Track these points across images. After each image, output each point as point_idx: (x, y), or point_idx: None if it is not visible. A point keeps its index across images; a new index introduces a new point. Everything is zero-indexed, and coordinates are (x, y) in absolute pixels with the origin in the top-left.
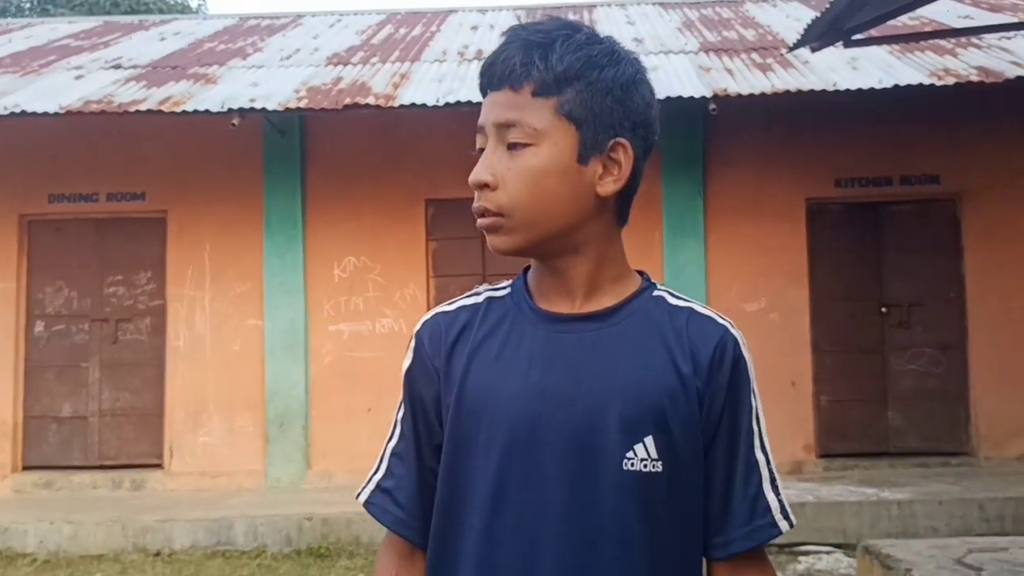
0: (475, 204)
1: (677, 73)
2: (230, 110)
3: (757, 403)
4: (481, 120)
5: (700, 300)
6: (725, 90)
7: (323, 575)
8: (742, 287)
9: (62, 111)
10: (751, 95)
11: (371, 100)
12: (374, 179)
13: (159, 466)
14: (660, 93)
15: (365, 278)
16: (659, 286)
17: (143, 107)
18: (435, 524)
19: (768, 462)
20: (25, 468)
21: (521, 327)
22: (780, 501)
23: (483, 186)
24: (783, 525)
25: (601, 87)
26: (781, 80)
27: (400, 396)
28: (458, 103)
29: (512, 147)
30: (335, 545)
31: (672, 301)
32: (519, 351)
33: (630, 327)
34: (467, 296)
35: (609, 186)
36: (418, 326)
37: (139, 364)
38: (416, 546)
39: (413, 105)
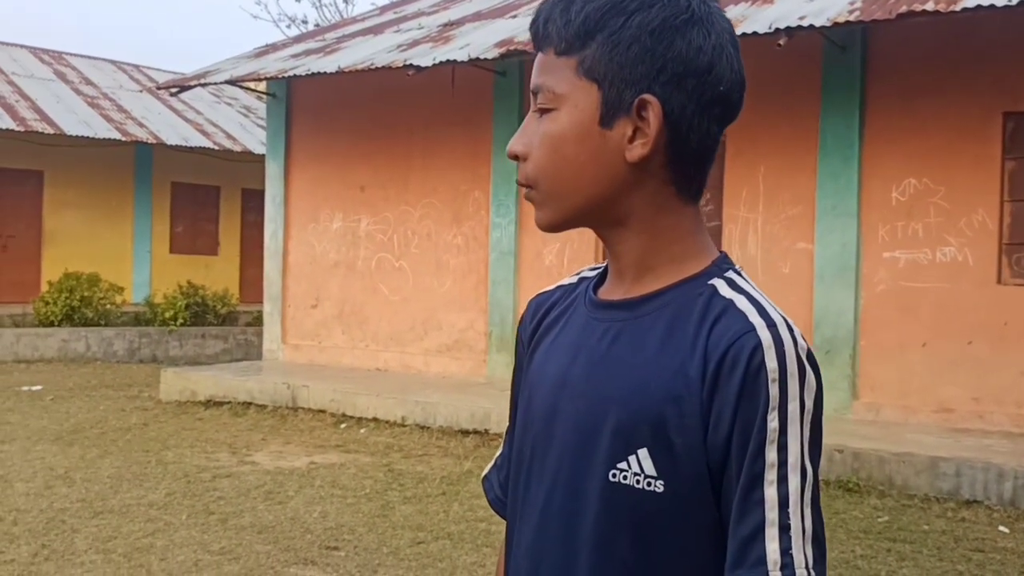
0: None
1: None
2: (777, 30)
3: (788, 426)
4: None
5: None
6: None
7: (848, 509)
8: None
9: None
10: None
11: (929, 6)
12: (940, 92)
13: None
14: None
15: (926, 202)
16: (730, 272)
17: None
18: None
19: (784, 503)
20: None
21: (578, 312)
22: (787, 554)
23: (515, 157)
24: None
25: (626, 36)
26: None
27: None
28: None
29: (542, 113)
30: (866, 482)
31: (722, 291)
32: (566, 338)
33: (660, 319)
34: (576, 273)
35: (636, 150)
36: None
37: None
38: None
39: (979, 8)
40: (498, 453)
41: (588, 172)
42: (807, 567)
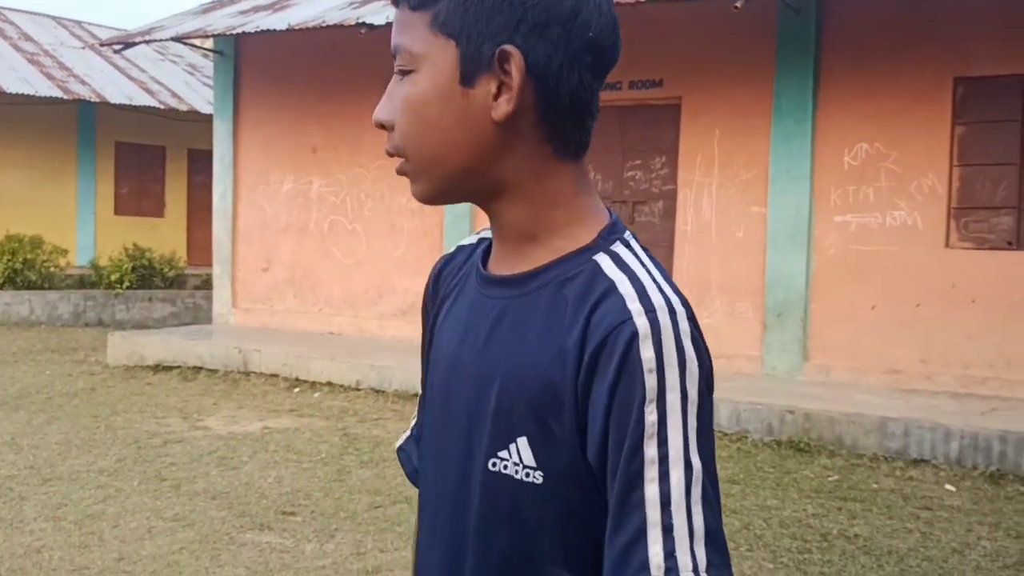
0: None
1: None
2: None
3: (667, 418)
4: None
5: None
6: None
7: (799, 469)
8: None
9: None
10: None
11: None
12: (894, 55)
13: None
14: None
15: (877, 166)
16: (617, 244)
17: None
18: None
19: (667, 502)
20: None
21: (470, 283)
22: (672, 557)
23: (381, 126)
24: None
25: None
26: None
27: None
28: None
29: (402, 76)
30: (817, 442)
31: (606, 269)
32: (460, 313)
33: (541, 298)
34: (477, 232)
35: (501, 108)
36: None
37: (651, 245)
38: None
39: None
40: (414, 420)
41: (454, 136)
42: (695, 571)
